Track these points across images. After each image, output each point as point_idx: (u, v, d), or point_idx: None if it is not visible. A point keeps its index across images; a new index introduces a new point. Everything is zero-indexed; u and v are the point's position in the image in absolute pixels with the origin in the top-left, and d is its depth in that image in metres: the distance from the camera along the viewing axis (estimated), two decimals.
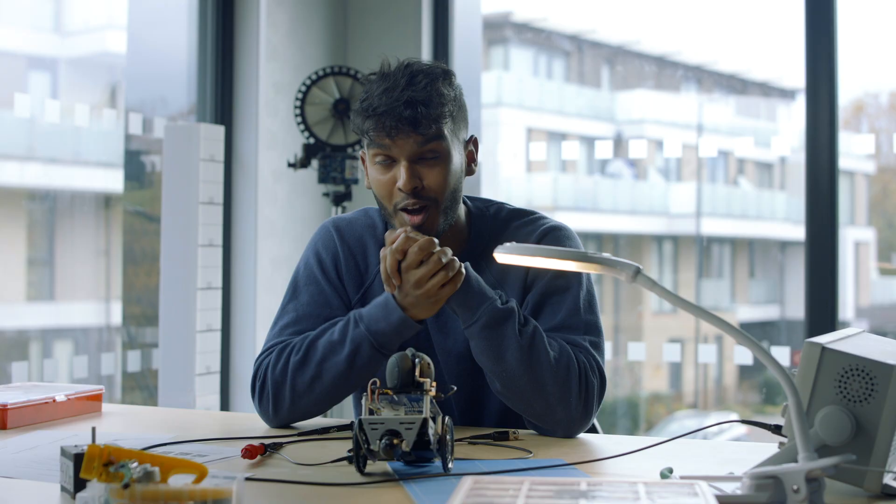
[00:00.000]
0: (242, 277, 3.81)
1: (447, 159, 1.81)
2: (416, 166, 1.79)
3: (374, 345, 1.76)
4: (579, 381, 1.74)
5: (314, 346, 1.80)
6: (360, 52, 4.10)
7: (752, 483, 1.21)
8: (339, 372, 1.77)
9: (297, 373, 1.80)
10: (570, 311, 1.82)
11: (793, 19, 3.48)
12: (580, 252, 1.36)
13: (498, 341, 1.73)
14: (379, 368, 1.78)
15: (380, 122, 1.77)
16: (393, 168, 1.80)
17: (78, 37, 3.80)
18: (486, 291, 1.75)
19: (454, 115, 1.82)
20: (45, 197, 3.54)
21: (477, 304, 1.73)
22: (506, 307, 1.74)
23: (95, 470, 1.06)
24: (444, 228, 1.84)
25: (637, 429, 7.31)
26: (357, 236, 1.95)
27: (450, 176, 1.81)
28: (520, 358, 1.72)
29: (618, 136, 7.85)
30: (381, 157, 1.80)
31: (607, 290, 7.28)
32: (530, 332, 1.74)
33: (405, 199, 1.79)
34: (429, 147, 1.78)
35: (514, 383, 1.74)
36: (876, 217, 6.90)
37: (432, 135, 1.78)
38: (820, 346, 1.30)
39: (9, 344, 3.42)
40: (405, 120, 1.75)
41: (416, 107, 1.76)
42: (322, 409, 1.83)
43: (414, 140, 1.77)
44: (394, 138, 1.77)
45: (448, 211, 1.83)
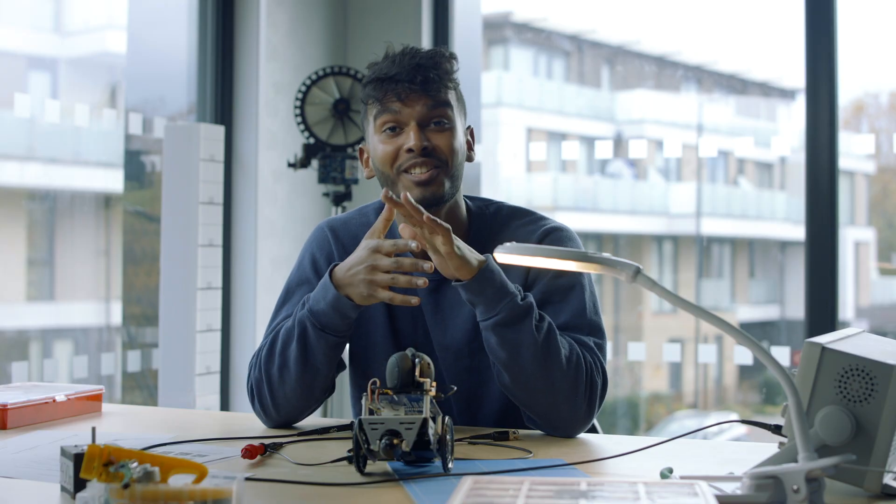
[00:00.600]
0: (242, 277, 3.81)
1: (454, 128, 1.83)
2: (425, 131, 1.81)
3: (315, 325, 1.75)
4: (586, 380, 1.75)
5: (277, 336, 1.81)
6: (360, 52, 4.10)
7: (752, 483, 1.21)
8: (296, 357, 1.77)
9: (268, 366, 1.81)
10: (575, 312, 1.82)
11: (793, 19, 3.48)
12: (580, 252, 1.36)
13: (515, 338, 1.71)
14: (336, 352, 1.78)
15: (391, 86, 1.80)
16: (401, 136, 1.81)
17: (78, 37, 3.80)
18: (508, 286, 1.73)
19: (458, 93, 1.87)
20: (45, 197, 3.54)
21: (499, 298, 1.71)
22: (525, 303, 1.73)
23: (95, 470, 1.06)
24: (449, 196, 1.84)
25: (637, 429, 7.31)
26: (352, 235, 1.95)
27: (457, 143, 1.84)
28: (535, 355, 1.71)
29: (618, 136, 7.85)
30: (390, 123, 1.82)
31: (607, 290, 7.28)
32: (546, 329, 1.73)
33: (412, 160, 1.80)
34: (437, 112, 1.81)
35: (525, 379, 1.73)
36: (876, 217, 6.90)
37: (441, 99, 1.81)
38: (820, 346, 1.30)
39: (9, 344, 3.42)
40: (417, 82, 1.79)
41: (427, 71, 1.80)
42: (302, 401, 1.81)
43: (424, 103, 1.80)
44: (404, 100, 1.80)
45: (454, 178, 1.84)
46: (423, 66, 1.80)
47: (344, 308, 1.73)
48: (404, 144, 1.80)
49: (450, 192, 1.83)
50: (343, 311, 1.73)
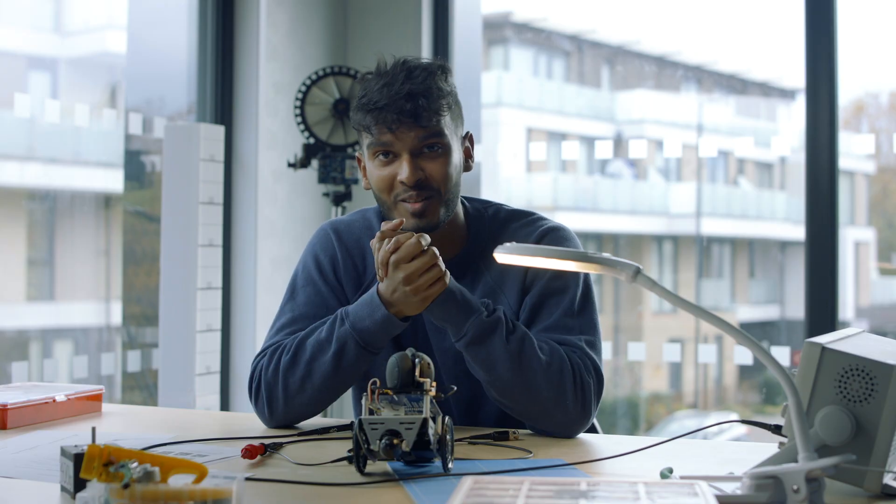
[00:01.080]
0: (242, 277, 3.81)
1: (447, 153, 1.81)
2: (418, 160, 1.79)
3: (359, 343, 1.75)
4: (574, 382, 1.74)
5: (303, 346, 1.81)
6: (360, 52, 4.10)
7: (752, 483, 1.21)
8: (327, 371, 1.77)
9: (287, 373, 1.80)
10: (565, 311, 1.82)
11: (793, 19, 3.48)
12: (580, 252, 1.36)
13: (487, 353, 1.72)
14: (367, 366, 1.79)
15: (381, 116, 1.77)
16: (394, 163, 1.80)
17: (78, 37, 3.80)
18: (471, 304, 1.73)
19: (452, 109, 1.83)
20: (45, 197, 3.54)
21: (463, 319, 1.72)
22: (492, 318, 1.73)
23: (95, 470, 1.06)
24: (445, 220, 1.83)
25: (637, 429, 7.31)
26: (355, 238, 1.95)
27: (451, 168, 1.82)
28: (510, 367, 1.72)
29: (618, 136, 7.85)
30: (382, 152, 1.80)
31: (607, 290, 7.28)
32: (519, 338, 1.73)
33: (406, 192, 1.79)
34: (430, 140, 1.79)
35: (508, 391, 1.74)
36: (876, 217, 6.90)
37: (433, 128, 1.78)
38: (820, 346, 1.30)
39: (9, 344, 3.42)
40: (406, 113, 1.76)
41: (417, 99, 1.76)
42: (317, 408, 1.83)
43: (416, 133, 1.77)
44: (395, 132, 1.77)
45: (449, 203, 1.83)
46: (413, 94, 1.76)
47: (395, 326, 1.75)
48: (398, 175, 1.79)
49: (445, 216, 1.83)
50: (393, 328, 1.75)
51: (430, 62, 1.84)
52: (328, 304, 1.89)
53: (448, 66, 1.87)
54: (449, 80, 1.84)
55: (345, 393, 1.90)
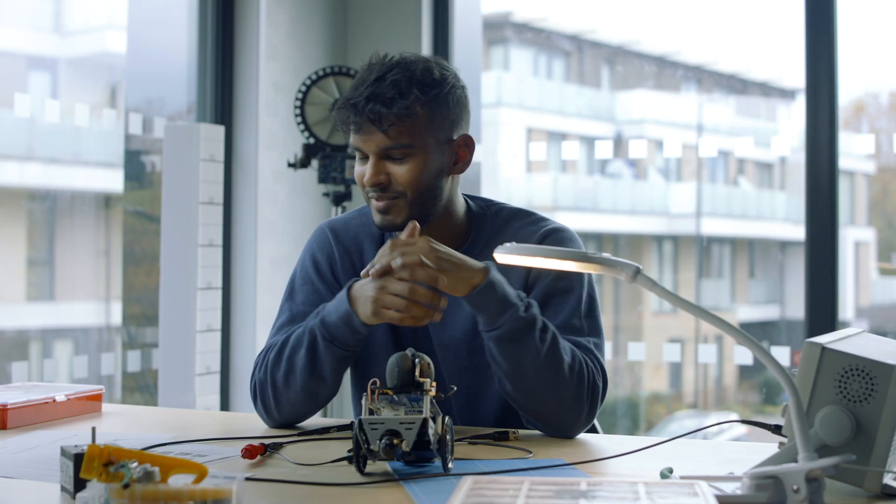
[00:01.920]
0: (242, 277, 3.81)
1: (417, 157, 1.78)
2: (384, 162, 1.78)
3: (325, 336, 1.74)
4: (587, 384, 1.74)
5: (287, 341, 1.81)
6: (360, 52, 4.10)
7: (752, 483, 1.21)
8: (304, 365, 1.77)
9: (274, 369, 1.81)
10: (572, 312, 1.82)
11: (793, 19, 3.48)
12: (580, 252, 1.36)
13: (518, 350, 1.70)
14: (343, 365, 1.78)
15: (348, 116, 1.78)
16: (366, 161, 1.81)
17: (78, 37, 3.80)
18: (509, 298, 1.70)
19: (433, 111, 1.78)
20: (45, 197, 3.54)
21: (500, 312, 1.70)
22: (528, 315, 1.70)
23: (95, 470, 1.06)
24: (425, 220, 1.81)
25: (637, 429, 7.31)
26: (352, 235, 1.95)
27: (421, 174, 1.78)
28: (538, 367, 1.70)
29: (618, 136, 7.85)
30: (355, 149, 1.81)
31: (607, 290, 7.28)
32: (550, 339, 1.71)
33: (370, 190, 1.80)
34: (395, 144, 1.77)
35: (527, 388, 1.73)
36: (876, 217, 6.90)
37: (396, 133, 1.76)
38: (820, 346, 1.30)
39: (9, 344, 3.42)
40: (366, 117, 1.75)
41: (377, 104, 1.74)
42: (305, 405, 1.82)
43: (380, 137, 1.76)
44: (360, 132, 1.78)
45: (422, 204, 1.80)
46: (378, 98, 1.74)
47: (354, 324, 1.72)
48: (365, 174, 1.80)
49: (420, 215, 1.79)
50: (353, 326, 1.72)
51: (417, 61, 1.80)
52: (326, 303, 1.89)
53: (445, 64, 1.83)
54: (439, 80, 1.79)
55: (343, 392, 1.90)
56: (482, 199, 1.97)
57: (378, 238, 1.93)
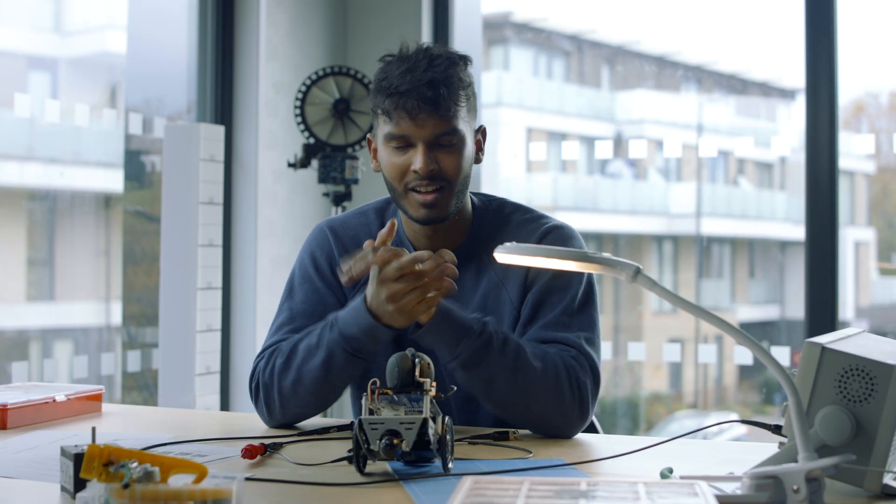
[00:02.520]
0: (242, 277, 3.81)
1: (462, 144, 1.81)
2: (433, 151, 1.79)
3: (346, 350, 1.74)
4: (570, 384, 1.74)
5: (296, 350, 1.80)
6: (360, 52, 4.10)
7: (752, 483, 1.21)
8: (317, 376, 1.77)
9: (281, 376, 1.80)
10: (564, 309, 1.82)
11: (793, 19, 3.48)
12: (580, 252, 1.36)
13: (482, 371, 1.71)
14: (360, 370, 1.78)
15: (401, 102, 1.76)
16: (408, 150, 1.79)
17: (78, 37, 3.80)
18: (463, 324, 1.71)
19: (469, 101, 1.83)
20: (45, 197, 3.54)
21: (455, 341, 1.70)
22: (482, 337, 1.70)
23: (95, 470, 1.06)
24: (454, 212, 1.83)
25: (637, 429, 7.31)
26: (352, 235, 1.95)
27: (464, 161, 1.81)
28: (507, 379, 1.71)
29: (618, 136, 7.85)
30: (398, 138, 1.79)
31: (607, 290, 7.28)
32: (512, 352, 1.72)
33: (417, 180, 1.79)
34: (446, 131, 1.78)
35: (505, 404, 1.73)
36: (876, 217, 6.90)
37: (451, 118, 1.78)
38: (820, 346, 1.30)
39: (9, 344, 3.42)
40: (427, 101, 1.75)
41: (438, 88, 1.76)
42: (312, 410, 1.83)
43: (434, 124, 1.77)
44: (414, 118, 1.76)
45: (460, 194, 1.83)
46: (434, 83, 1.75)
47: (380, 333, 1.72)
48: (412, 165, 1.78)
49: (455, 208, 1.83)
50: (379, 336, 1.72)
51: (452, 52, 1.83)
52: (325, 302, 1.89)
53: (469, 57, 1.86)
54: (469, 71, 1.84)
55: (343, 393, 1.90)
56: (484, 195, 1.98)
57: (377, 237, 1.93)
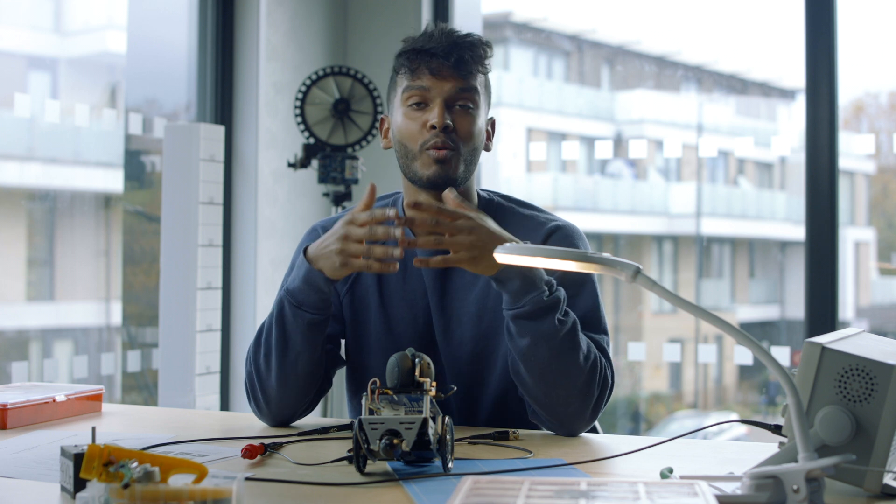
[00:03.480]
0: (242, 277, 3.81)
1: (477, 111, 1.84)
2: (450, 111, 1.82)
3: (292, 302, 1.76)
4: (599, 378, 1.75)
5: (262, 327, 1.83)
6: (360, 52, 4.10)
7: (752, 483, 1.21)
8: (276, 340, 1.78)
9: (255, 355, 1.82)
10: (590, 307, 1.83)
11: (793, 19, 3.48)
12: (580, 252, 1.36)
13: (537, 329, 1.70)
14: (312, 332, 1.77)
15: (425, 59, 1.81)
16: (426, 112, 1.82)
17: (78, 37, 3.80)
18: (535, 279, 1.71)
19: (487, 82, 1.88)
20: (45, 197, 3.54)
21: (524, 292, 1.70)
22: (551, 299, 1.71)
23: (95, 470, 1.06)
24: (462, 181, 1.85)
25: (637, 429, 7.31)
26: None
27: (476, 128, 1.84)
28: (554, 349, 1.71)
29: (618, 136, 7.85)
30: (417, 97, 1.82)
31: (607, 290, 7.28)
32: (570, 325, 1.72)
33: (434, 138, 1.80)
34: (465, 94, 1.82)
35: (541, 372, 1.72)
36: (876, 217, 6.91)
37: (471, 82, 1.82)
38: (820, 346, 1.30)
39: (9, 344, 3.42)
40: (451, 60, 1.80)
41: (463, 50, 1.81)
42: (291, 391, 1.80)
43: (454, 83, 1.81)
44: (436, 75, 1.80)
45: (468, 164, 1.84)
46: (459, 45, 1.81)
47: (317, 281, 1.73)
48: (428, 120, 1.81)
49: (463, 175, 1.84)
50: (316, 284, 1.74)
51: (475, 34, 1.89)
52: None
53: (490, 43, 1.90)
54: (490, 53, 1.88)
55: (343, 392, 1.90)
56: (489, 189, 2.00)
57: None
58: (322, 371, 1.83)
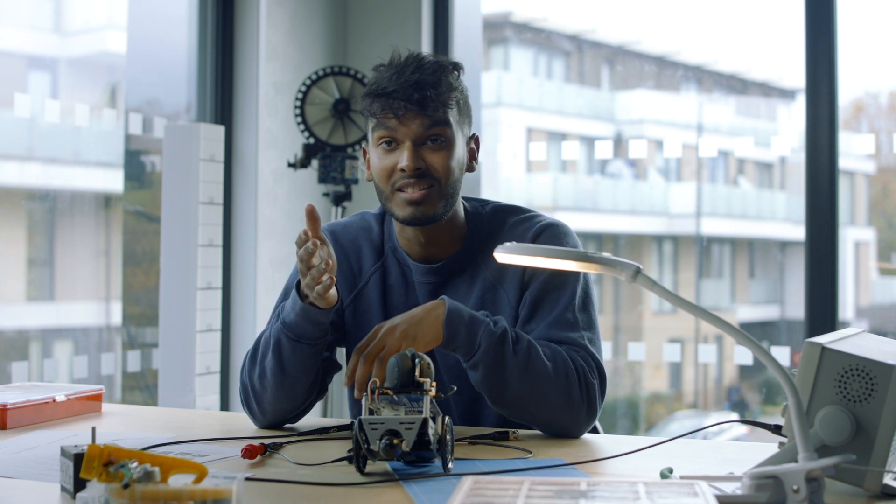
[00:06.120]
0: (242, 277, 3.81)
1: (451, 146, 1.82)
2: (421, 150, 1.80)
3: (289, 336, 1.76)
4: (579, 384, 1.74)
5: (258, 344, 1.84)
6: (360, 52, 4.10)
7: (752, 483, 1.21)
8: (273, 367, 1.78)
9: (251, 372, 1.83)
10: (566, 307, 1.82)
11: (793, 19, 3.48)
12: (580, 252, 1.36)
13: (498, 369, 1.71)
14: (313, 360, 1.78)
15: (388, 103, 1.78)
16: (396, 151, 1.81)
17: (78, 37, 3.80)
18: (476, 317, 1.72)
19: (460, 106, 1.84)
20: (45, 197, 3.54)
21: (472, 334, 1.71)
22: (498, 328, 1.72)
23: (95, 470, 1.06)
24: (443, 215, 1.84)
25: (637, 429, 7.32)
26: (351, 239, 1.96)
27: (453, 161, 1.82)
28: (520, 377, 1.71)
29: (618, 136, 7.85)
30: (387, 139, 1.80)
31: (607, 290, 7.28)
32: (525, 349, 1.72)
33: (405, 179, 1.79)
34: (434, 131, 1.79)
35: (515, 401, 1.73)
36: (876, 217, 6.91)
37: (438, 118, 1.79)
38: (820, 346, 1.30)
39: (9, 344, 3.42)
40: (413, 101, 1.77)
41: (425, 89, 1.78)
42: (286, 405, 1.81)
43: (420, 122, 1.78)
44: (401, 118, 1.78)
45: (449, 198, 1.83)
46: (421, 84, 1.78)
47: (312, 315, 1.73)
48: (399, 163, 1.79)
49: (442, 210, 1.83)
50: (312, 318, 1.74)
51: (443, 59, 1.85)
52: None
53: (461, 65, 1.87)
54: (460, 78, 1.85)
55: (343, 392, 1.90)
56: (475, 199, 1.99)
57: (377, 247, 1.94)
58: (318, 382, 1.84)
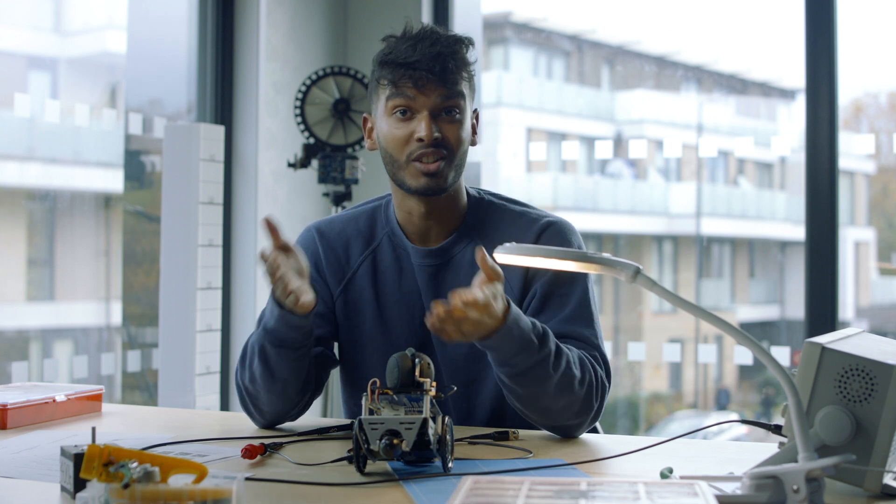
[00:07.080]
0: (242, 277, 3.81)
1: (464, 117, 1.83)
2: (436, 121, 1.80)
3: (273, 342, 1.76)
4: (596, 390, 1.74)
5: (246, 348, 1.85)
6: (360, 52, 4.10)
7: (752, 483, 1.21)
8: (262, 372, 1.79)
9: (242, 375, 1.84)
10: (579, 302, 1.82)
11: (793, 19, 3.48)
12: (580, 252, 1.36)
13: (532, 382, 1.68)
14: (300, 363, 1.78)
15: (409, 73, 1.79)
16: (411, 121, 1.81)
17: (78, 37, 3.80)
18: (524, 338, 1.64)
19: (471, 80, 1.86)
20: (45, 197, 3.54)
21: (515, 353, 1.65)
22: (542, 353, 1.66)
23: (95, 470, 1.06)
24: (451, 186, 1.84)
25: (637, 429, 7.32)
26: (338, 231, 1.96)
27: (464, 133, 1.83)
28: (552, 392, 1.69)
29: (618, 136, 7.85)
30: (402, 107, 1.80)
31: (607, 290, 7.28)
32: (563, 365, 1.69)
33: (422, 150, 1.79)
34: (450, 103, 1.80)
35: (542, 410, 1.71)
36: (876, 217, 6.91)
37: (456, 90, 1.80)
38: (820, 346, 1.30)
39: (9, 344, 3.42)
40: (435, 72, 1.78)
41: (447, 60, 1.79)
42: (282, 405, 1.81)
43: (439, 93, 1.79)
44: (421, 88, 1.78)
45: (458, 168, 1.84)
46: (442, 55, 1.79)
47: (291, 321, 1.73)
48: (415, 133, 1.79)
49: (452, 181, 1.84)
50: (292, 323, 1.73)
51: (456, 33, 1.86)
52: None
53: (472, 39, 1.88)
54: (472, 52, 1.86)
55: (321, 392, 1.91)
56: (479, 188, 1.99)
57: (366, 236, 1.93)
58: (312, 380, 1.84)
